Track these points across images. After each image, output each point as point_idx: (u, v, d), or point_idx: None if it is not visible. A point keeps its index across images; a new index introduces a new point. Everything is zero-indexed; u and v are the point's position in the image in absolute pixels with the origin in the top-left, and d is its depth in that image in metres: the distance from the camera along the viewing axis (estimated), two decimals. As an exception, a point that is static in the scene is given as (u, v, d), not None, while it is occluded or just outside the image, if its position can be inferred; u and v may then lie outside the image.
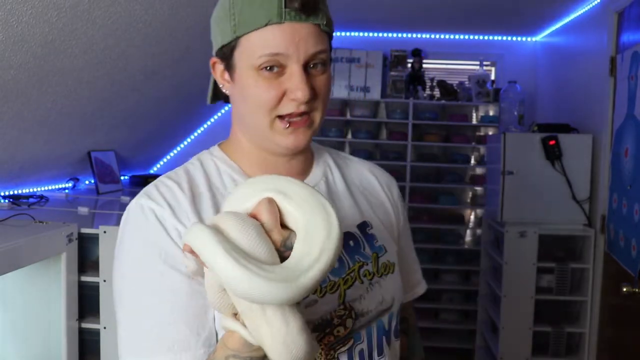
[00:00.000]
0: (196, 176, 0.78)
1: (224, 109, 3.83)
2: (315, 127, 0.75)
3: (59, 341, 1.59)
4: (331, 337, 0.73)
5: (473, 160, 3.74)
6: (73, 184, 2.68)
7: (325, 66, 0.73)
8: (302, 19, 0.69)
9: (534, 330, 2.66)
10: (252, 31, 0.70)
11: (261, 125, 0.73)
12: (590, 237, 2.62)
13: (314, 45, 0.70)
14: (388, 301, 0.79)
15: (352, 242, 0.79)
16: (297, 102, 0.70)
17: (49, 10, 1.46)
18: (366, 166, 0.91)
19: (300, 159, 0.81)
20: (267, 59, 0.69)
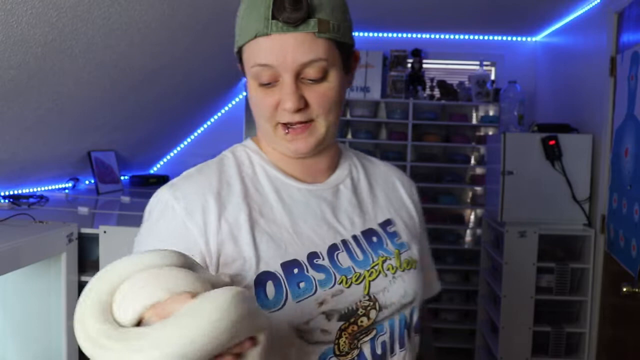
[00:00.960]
0: (228, 166, 0.80)
1: (224, 109, 3.83)
2: (320, 134, 0.76)
3: (59, 341, 1.59)
4: (355, 326, 0.75)
5: (473, 160, 3.74)
6: (73, 184, 2.69)
7: (325, 75, 0.72)
8: (289, 30, 0.69)
9: (534, 330, 2.66)
10: (246, 43, 0.72)
11: (266, 130, 0.77)
12: (590, 237, 2.62)
13: (304, 54, 0.70)
14: (410, 295, 0.81)
15: (375, 239, 0.82)
16: (287, 111, 0.72)
17: (48, 11, 1.46)
18: (390, 169, 0.95)
19: (325, 157, 0.83)
20: (258, 70, 0.72)
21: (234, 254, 0.72)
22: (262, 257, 0.72)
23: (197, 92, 3.09)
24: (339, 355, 0.74)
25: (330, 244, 0.77)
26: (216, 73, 3.05)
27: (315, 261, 0.74)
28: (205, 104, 3.46)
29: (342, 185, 0.84)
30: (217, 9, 2.21)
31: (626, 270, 2.16)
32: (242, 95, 3.77)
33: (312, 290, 0.72)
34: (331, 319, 0.73)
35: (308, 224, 0.77)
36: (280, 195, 0.79)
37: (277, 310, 0.70)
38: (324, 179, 0.84)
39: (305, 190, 0.80)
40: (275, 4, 0.68)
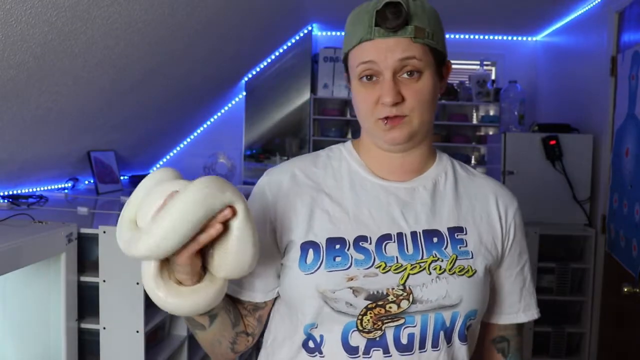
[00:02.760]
0: (320, 157, 0.94)
1: (223, 109, 3.83)
2: (413, 128, 0.84)
3: (58, 341, 1.59)
4: (382, 309, 0.81)
5: (473, 160, 3.73)
6: (72, 184, 2.68)
7: (420, 73, 0.82)
8: (389, 35, 0.80)
9: (534, 330, 2.66)
10: (352, 48, 0.84)
11: (367, 125, 0.87)
12: (590, 237, 2.62)
13: (401, 53, 0.80)
14: (453, 299, 0.82)
15: (435, 239, 0.85)
16: (385, 105, 0.81)
17: (48, 10, 1.46)
18: (491, 184, 0.95)
19: (414, 156, 0.90)
20: (362, 67, 0.82)
21: (292, 221, 0.87)
22: (312, 228, 0.85)
23: (197, 91, 3.08)
24: (361, 331, 0.81)
25: (383, 233, 0.84)
26: (216, 73, 3.05)
27: (361, 243, 0.83)
28: (205, 104, 3.45)
29: (422, 187, 0.89)
30: (217, 9, 2.20)
31: (627, 270, 2.15)
32: (242, 95, 3.77)
33: (346, 266, 0.82)
34: (358, 296, 0.80)
35: (370, 212, 0.86)
36: (354, 185, 0.89)
37: (311, 273, 0.82)
38: (407, 178, 0.90)
39: (379, 185, 0.89)
40: (379, 13, 0.80)
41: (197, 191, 0.69)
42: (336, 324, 0.82)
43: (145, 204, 0.73)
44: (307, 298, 0.82)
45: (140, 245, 0.69)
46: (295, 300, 0.85)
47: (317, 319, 0.82)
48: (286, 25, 3.26)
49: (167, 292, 0.74)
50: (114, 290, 1.64)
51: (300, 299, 0.84)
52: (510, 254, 0.93)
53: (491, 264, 0.89)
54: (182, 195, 0.69)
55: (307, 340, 0.84)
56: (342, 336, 0.81)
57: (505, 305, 0.95)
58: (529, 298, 0.96)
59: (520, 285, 0.95)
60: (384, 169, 0.90)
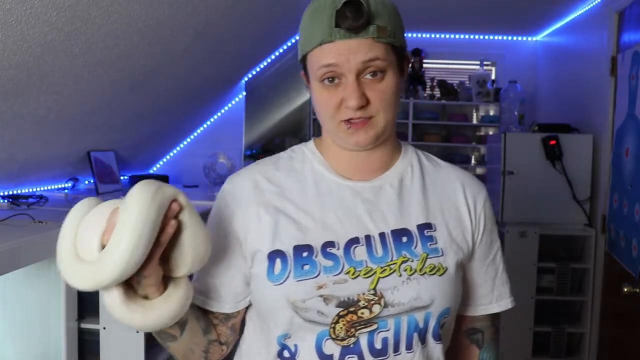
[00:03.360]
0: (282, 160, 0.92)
1: (223, 109, 3.83)
2: (379, 129, 0.82)
3: (58, 341, 1.59)
4: (354, 316, 0.79)
5: (473, 160, 3.73)
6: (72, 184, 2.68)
7: (383, 73, 0.80)
8: (350, 36, 0.77)
9: (534, 330, 2.66)
10: (311, 50, 0.81)
11: (329, 127, 0.85)
12: (590, 237, 2.62)
13: (364, 55, 0.77)
14: (425, 300, 0.81)
15: (405, 239, 0.84)
16: (350, 108, 0.79)
17: (48, 10, 1.45)
18: (457, 174, 0.93)
19: (378, 156, 0.88)
20: (324, 71, 0.79)
21: (257, 230, 0.84)
22: (279, 237, 0.83)
23: (197, 91, 3.08)
24: (335, 339, 0.80)
25: (351, 237, 0.82)
26: (216, 73, 3.05)
27: (328, 249, 0.81)
28: (205, 104, 3.45)
29: (388, 184, 0.87)
30: (217, 9, 2.20)
31: (627, 270, 2.15)
32: (242, 95, 3.77)
33: (315, 274, 0.80)
34: (329, 303, 0.79)
35: (336, 217, 0.84)
36: (319, 188, 0.87)
37: (280, 284, 0.80)
38: (373, 176, 0.88)
39: (344, 186, 0.87)
40: (338, 13, 0.76)
41: (141, 195, 0.68)
42: (309, 333, 0.80)
43: (84, 235, 0.70)
44: (277, 309, 0.81)
45: (109, 268, 0.66)
46: (266, 311, 0.84)
47: (289, 329, 0.81)
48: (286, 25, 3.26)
49: (143, 310, 0.73)
50: (114, 290, 1.63)
51: (271, 310, 0.82)
52: (481, 245, 0.91)
53: (462, 259, 0.87)
54: (128, 204, 0.67)
55: (281, 351, 0.83)
56: (316, 345, 0.80)
57: (477, 297, 0.94)
58: (501, 287, 0.95)
59: (492, 275, 0.94)
60: (348, 168, 0.88)
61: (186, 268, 0.75)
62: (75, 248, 0.70)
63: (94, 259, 0.68)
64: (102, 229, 0.69)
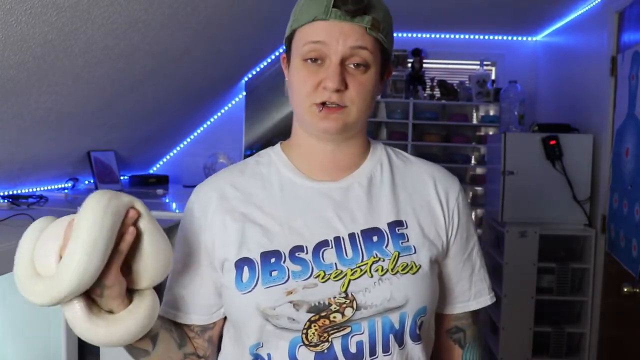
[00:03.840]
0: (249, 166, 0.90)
1: (223, 109, 3.83)
2: (350, 120, 0.81)
3: (58, 341, 1.59)
4: (326, 320, 0.77)
5: (473, 160, 3.73)
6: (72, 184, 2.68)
7: (367, 67, 0.79)
8: (345, 19, 0.77)
9: (534, 330, 2.66)
10: (303, 25, 0.80)
11: (301, 110, 0.82)
12: (590, 237, 2.62)
13: (354, 41, 0.77)
14: (399, 300, 0.79)
15: (375, 238, 0.81)
16: (327, 90, 0.77)
17: (48, 10, 1.45)
18: (428, 169, 0.91)
19: (347, 151, 0.87)
20: (310, 47, 0.79)
21: (224, 239, 0.83)
22: (245, 244, 0.81)
23: (197, 91, 3.08)
24: (308, 345, 0.78)
25: (320, 240, 0.80)
26: (216, 73, 3.05)
27: (297, 254, 0.79)
28: (205, 104, 3.45)
29: (357, 183, 0.86)
30: (217, 9, 2.20)
31: (627, 270, 2.15)
32: (242, 95, 3.77)
33: (284, 280, 0.78)
34: (299, 309, 0.77)
35: (303, 220, 0.82)
36: (285, 192, 0.85)
37: (248, 292, 0.79)
38: (341, 176, 0.86)
39: (311, 188, 0.85)
40: None
41: (96, 203, 0.66)
42: (281, 340, 0.78)
43: (41, 251, 0.69)
44: (248, 318, 0.79)
45: (65, 278, 0.64)
46: (238, 321, 0.82)
47: (261, 338, 0.80)
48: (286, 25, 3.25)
49: (106, 324, 0.70)
50: (114, 290, 1.63)
51: (242, 319, 0.81)
52: (456, 241, 0.88)
53: (436, 255, 0.85)
54: (82, 214, 0.66)
55: None
56: (289, 353, 0.78)
57: (455, 295, 0.91)
58: (480, 284, 0.92)
59: (469, 271, 0.91)
60: (316, 167, 0.86)
61: (149, 278, 0.74)
62: (33, 264, 0.69)
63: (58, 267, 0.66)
64: (59, 243, 0.68)
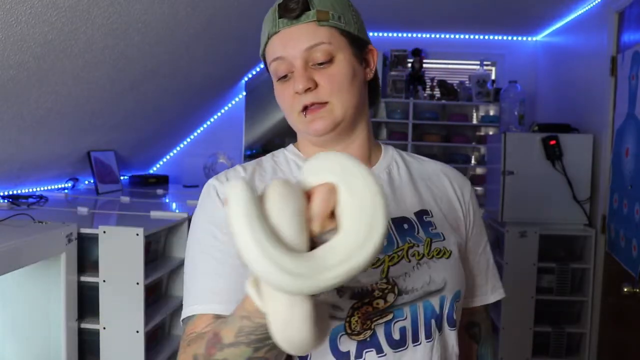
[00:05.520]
0: (265, 163, 0.90)
1: (223, 109, 3.83)
2: (336, 115, 0.80)
3: (58, 341, 1.59)
4: (369, 307, 0.76)
5: (473, 160, 3.73)
6: (72, 184, 2.68)
7: (331, 59, 0.79)
8: (292, 23, 0.78)
9: (534, 330, 2.66)
10: (264, 47, 0.83)
11: (293, 123, 0.84)
12: (590, 237, 2.61)
13: (307, 40, 0.78)
14: (438, 283, 0.79)
15: (406, 226, 0.83)
16: (299, 93, 0.78)
17: (48, 10, 1.45)
18: (441, 167, 0.94)
19: (356, 149, 0.87)
20: (274, 65, 0.81)
21: None
22: None
23: (197, 92, 3.08)
24: (350, 334, 0.76)
25: None
26: (216, 73, 3.04)
27: None
28: (205, 103, 3.45)
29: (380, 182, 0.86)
30: (217, 9, 2.20)
31: (627, 270, 2.15)
32: (242, 95, 3.77)
33: None
34: (342, 295, 0.76)
35: None
36: None
37: None
38: None
39: None
40: (280, 5, 0.79)
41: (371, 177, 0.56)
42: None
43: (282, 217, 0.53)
44: None
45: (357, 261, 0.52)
46: None
47: None
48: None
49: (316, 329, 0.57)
50: (114, 290, 1.64)
51: None
52: (473, 235, 0.92)
53: (460, 244, 0.87)
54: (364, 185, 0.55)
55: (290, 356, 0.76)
56: (331, 344, 0.76)
57: (475, 288, 0.94)
58: (493, 278, 0.96)
59: (485, 265, 0.95)
60: None
61: None
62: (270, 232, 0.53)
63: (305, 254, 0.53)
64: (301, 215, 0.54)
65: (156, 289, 1.89)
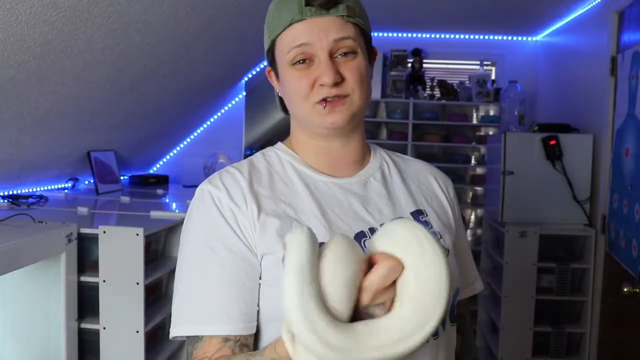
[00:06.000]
0: (258, 164, 0.87)
1: (223, 109, 3.83)
2: (354, 109, 0.81)
3: (58, 341, 1.59)
4: None
5: (473, 160, 3.73)
6: (72, 184, 2.68)
7: (355, 53, 0.80)
8: (321, 13, 0.78)
9: (534, 330, 2.66)
10: (281, 32, 0.80)
11: (303, 113, 0.82)
12: (590, 237, 2.61)
13: (336, 33, 0.78)
14: None
15: None
16: (325, 86, 0.77)
17: (48, 10, 1.45)
18: (424, 166, 0.97)
19: (353, 147, 0.87)
20: (295, 52, 0.78)
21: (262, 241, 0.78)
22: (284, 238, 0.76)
23: (197, 91, 3.08)
24: None
25: (357, 232, 0.81)
26: (216, 73, 3.04)
27: None
28: (205, 103, 3.45)
29: (372, 177, 0.87)
30: (217, 9, 2.20)
31: (627, 270, 2.15)
32: (242, 95, 3.77)
33: None
34: None
35: (336, 213, 0.82)
36: (309, 187, 0.84)
37: None
38: (353, 172, 0.87)
39: (332, 183, 0.85)
40: None
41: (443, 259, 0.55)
42: None
43: (337, 282, 0.53)
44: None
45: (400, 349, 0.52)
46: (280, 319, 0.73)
47: None
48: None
49: None
50: (114, 290, 1.64)
51: None
52: (458, 230, 0.94)
53: (453, 241, 0.89)
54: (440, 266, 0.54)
55: None
56: None
57: (464, 279, 0.95)
58: (475, 271, 0.99)
59: (469, 257, 0.98)
60: (325, 164, 0.86)
61: None
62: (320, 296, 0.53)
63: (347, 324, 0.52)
64: (353, 284, 0.53)
65: (156, 289, 1.89)
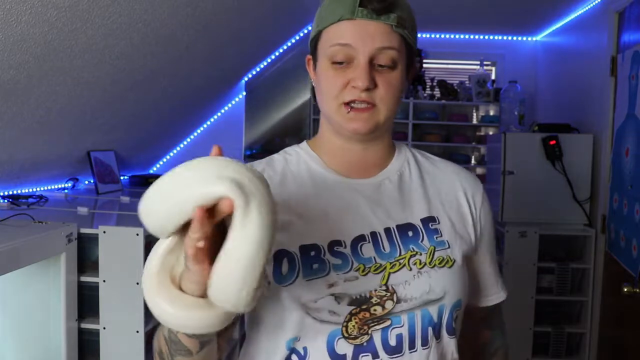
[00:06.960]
0: (275, 163, 0.89)
1: (223, 109, 3.83)
2: (379, 119, 0.81)
3: (58, 341, 1.59)
4: (367, 313, 0.78)
5: (473, 160, 3.73)
6: (72, 184, 2.68)
7: (394, 65, 0.80)
8: (373, 17, 0.78)
9: (534, 330, 2.66)
10: (329, 25, 0.80)
11: (330, 111, 0.83)
12: (591, 237, 2.61)
13: (381, 41, 0.78)
14: (437, 292, 0.80)
15: (410, 233, 0.83)
16: (357, 89, 0.78)
17: (48, 10, 1.46)
18: (453, 168, 0.94)
19: (375, 149, 0.88)
20: (336, 49, 0.79)
21: None
22: (283, 236, 0.78)
23: (197, 91, 3.08)
24: (347, 338, 0.77)
25: (357, 235, 0.81)
26: (216, 73, 3.04)
27: (335, 248, 0.79)
28: (205, 104, 3.45)
29: (388, 180, 0.87)
30: (217, 9, 2.20)
31: (627, 270, 2.15)
32: (242, 95, 3.77)
33: (325, 272, 0.78)
34: (341, 302, 0.77)
35: (338, 215, 0.82)
36: (318, 187, 0.85)
37: (289, 285, 0.77)
38: (371, 174, 0.87)
39: (343, 183, 0.85)
40: None
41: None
42: (320, 334, 0.77)
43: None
44: (287, 311, 0.77)
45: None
46: (275, 315, 0.79)
47: (299, 332, 0.77)
48: (286, 25, 3.25)
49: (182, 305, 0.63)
50: (114, 290, 1.64)
51: (279, 314, 0.78)
52: (484, 239, 0.93)
53: (467, 251, 0.87)
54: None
55: (290, 355, 0.79)
56: (328, 346, 0.77)
57: (488, 287, 0.97)
58: (495, 285, 0.99)
59: (495, 266, 0.99)
60: (345, 165, 0.87)
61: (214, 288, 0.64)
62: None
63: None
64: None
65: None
